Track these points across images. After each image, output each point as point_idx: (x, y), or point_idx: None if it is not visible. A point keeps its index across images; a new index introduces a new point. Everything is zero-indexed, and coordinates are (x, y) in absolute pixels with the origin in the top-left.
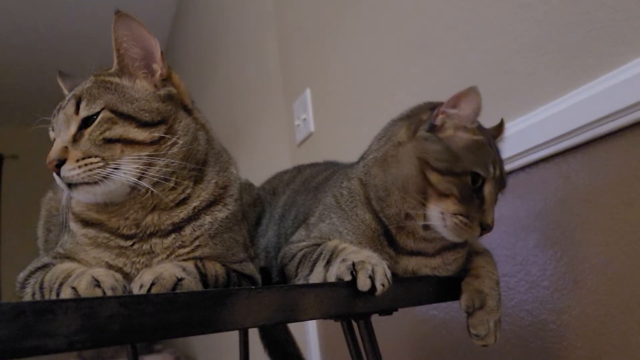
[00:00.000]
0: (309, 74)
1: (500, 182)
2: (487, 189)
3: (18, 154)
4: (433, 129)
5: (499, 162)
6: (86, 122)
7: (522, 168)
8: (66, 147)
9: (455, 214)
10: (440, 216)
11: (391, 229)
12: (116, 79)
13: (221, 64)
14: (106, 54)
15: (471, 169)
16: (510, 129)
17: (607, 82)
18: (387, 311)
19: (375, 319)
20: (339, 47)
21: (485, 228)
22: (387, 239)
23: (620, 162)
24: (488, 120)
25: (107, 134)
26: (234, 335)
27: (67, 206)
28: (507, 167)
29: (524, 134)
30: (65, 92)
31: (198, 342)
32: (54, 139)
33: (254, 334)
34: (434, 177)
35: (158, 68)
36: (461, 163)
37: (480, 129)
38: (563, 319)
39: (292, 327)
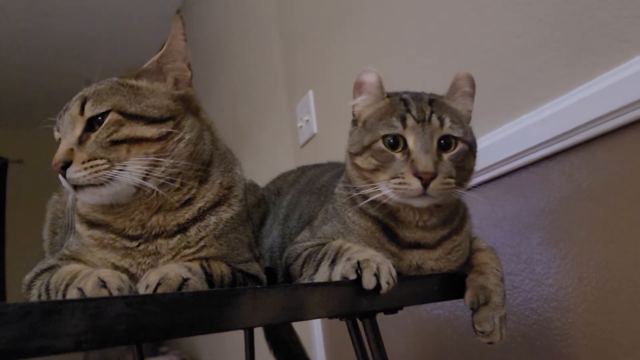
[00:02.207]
0: (311, 76)
1: (429, 125)
2: (410, 140)
3: (23, 158)
4: (355, 123)
5: (416, 110)
6: (91, 123)
7: (525, 167)
8: (72, 149)
9: (388, 181)
10: (386, 188)
11: (389, 223)
12: (132, 81)
13: (225, 66)
14: (111, 56)
15: (379, 135)
16: (512, 128)
17: (609, 80)
18: (392, 310)
19: (380, 317)
20: (341, 48)
21: (420, 176)
22: (386, 234)
23: (623, 159)
24: (490, 120)
25: (114, 136)
26: (240, 336)
27: (73, 208)
28: (509, 165)
29: (527, 132)
30: None
31: (203, 344)
32: (59, 139)
33: (259, 335)
34: (358, 161)
35: (187, 69)
36: (368, 135)
37: (391, 95)
38: (568, 317)
39: (297, 326)
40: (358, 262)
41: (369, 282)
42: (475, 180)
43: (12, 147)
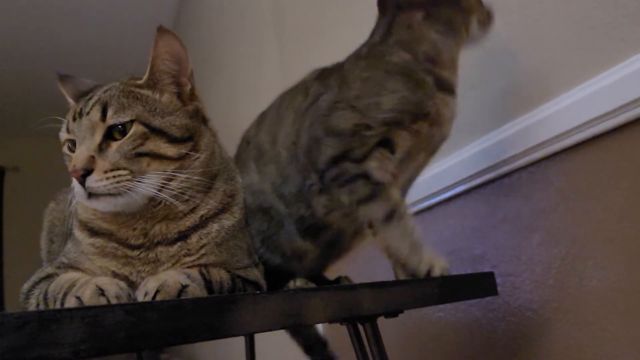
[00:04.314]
0: None
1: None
2: None
3: (19, 167)
4: None
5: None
6: (110, 130)
7: (525, 167)
8: (92, 157)
9: None
10: None
11: None
12: (145, 91)
13: (222, 68)
14: (106, 63)
15: None
16: (511, 128)
17: (607, 79)
18: (392, 313)
19: (381, 321)
20: (337, 50)
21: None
22: None
23: (623, 158)
24: (489, 121)
25: (140, 149)
26: (241, 342)
27: (74, 213)
28: (509, 166)
29: (526, 133)
30: (68, 98)
31: (205, 351)
32: (65, 140)
33: (259, 340)
34: None
35: (187, 83)
36: None
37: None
38: (569, 317)
39: None
40: None
41: None
42: (476, 181)
43: (8, 155)
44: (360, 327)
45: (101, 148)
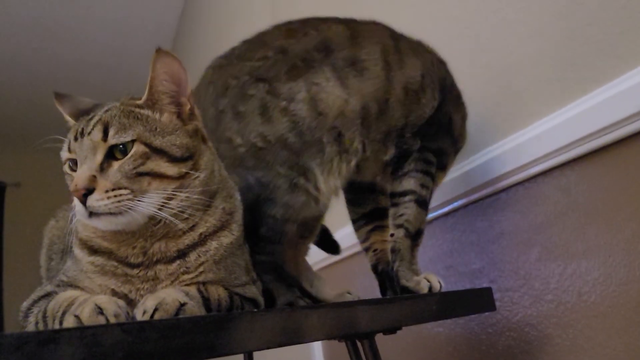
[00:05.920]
0: None
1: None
2: None
3: (20, 182)
4: None
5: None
6: (112, 150)
7: (521, 182)
8: (94, 176)
9: None
10: None
11: None
12: (145, 111)
13: None
14: (105, 80)
15: None
16: (508, 144)
17: (602, 95)
18: (391, 330)
19: (379, 338)
20: None
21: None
22: None
23: (618, 173)
24: (485, 137)
25: (141, 169)
26: (239, 359)
27: (74, 231)
28: (506, 182)
29: (522, 149)
30: (66, 116)
31: None
32: (67, 160)
33: (258, 358)
34: None
35: (187, 102)
36: None
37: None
38: (568, 333)
39: (298, 347)
40: None
41: None
42: (473, 196)
43: (10, 170)
44: (359, 344)
45: (102, 168)
